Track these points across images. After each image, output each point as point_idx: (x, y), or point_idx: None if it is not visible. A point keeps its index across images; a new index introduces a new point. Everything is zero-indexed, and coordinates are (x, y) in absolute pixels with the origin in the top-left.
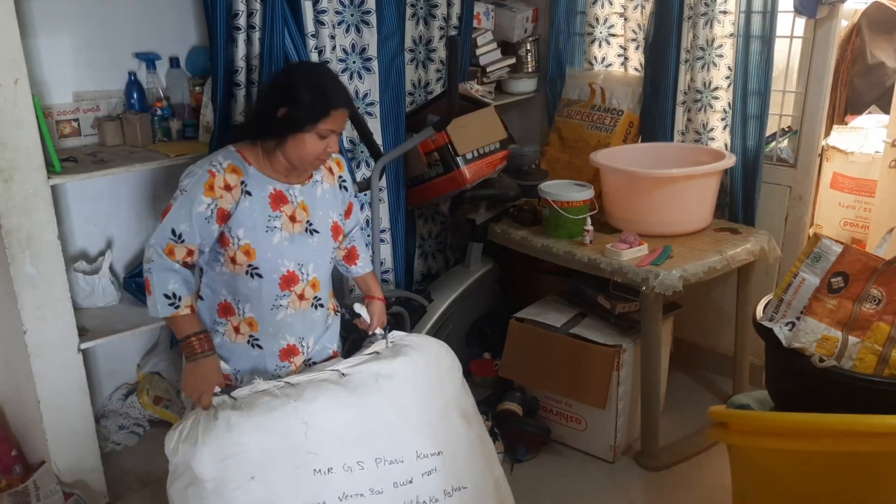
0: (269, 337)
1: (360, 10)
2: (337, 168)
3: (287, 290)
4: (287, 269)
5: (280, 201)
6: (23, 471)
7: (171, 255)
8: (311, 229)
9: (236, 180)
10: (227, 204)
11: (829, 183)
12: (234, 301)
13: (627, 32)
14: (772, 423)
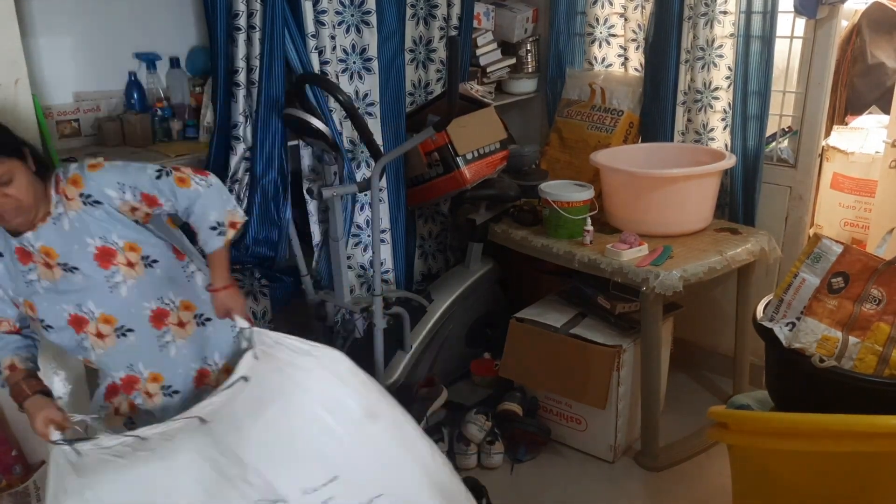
0: (101, 376)
1: (361, 10)
2: (74, 190)
3: (82, 333)
4: (68, 312)
5: (26, 257)
6: (23, 471)
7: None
8: (68, 268)
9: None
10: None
11: (829, 183)
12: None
13: (627, 33)
14: (772, 424)
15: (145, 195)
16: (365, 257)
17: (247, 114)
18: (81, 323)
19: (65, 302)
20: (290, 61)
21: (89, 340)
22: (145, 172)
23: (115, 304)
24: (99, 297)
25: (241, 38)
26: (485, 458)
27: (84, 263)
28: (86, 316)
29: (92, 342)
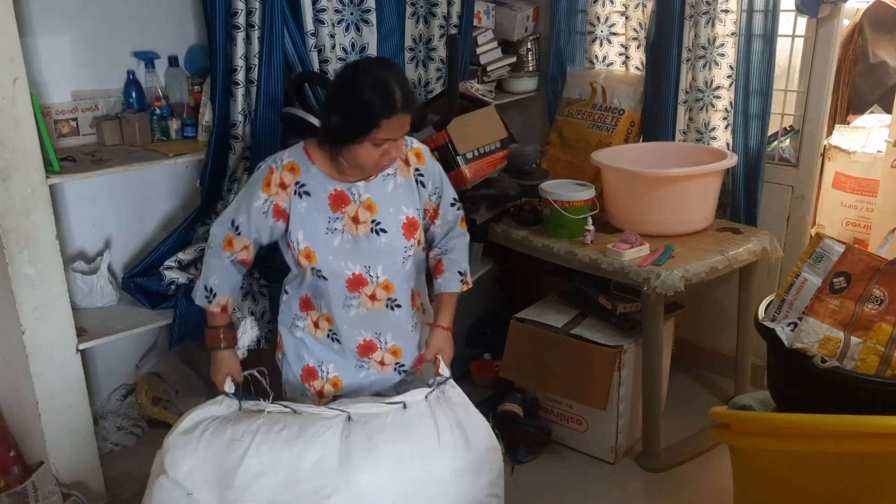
0: (346, 333)
1: (360, 8)
2: (415, 160)
3: (356, 292)
4: (352, 272)
5: (341, 202)
6: (21, 471)
7: (229, 248)
8: (378, 229)
9: (291, 179)
10: (282, 202)
11: (831, 182)
12: (312, 297)
13: (629, 31)
14: (773, 424)
15: (438, 209)
16: None
17: (245, 113)
18: (360, 284)
19: (354, 261)
20: (289, 60)
21: (360, 300)
22: (452, 193)
23: (399, 276)
24: (390, 264)
25: (239, 37)
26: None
27: (392, 228)
28: (369, 279)
29: (361, 302)
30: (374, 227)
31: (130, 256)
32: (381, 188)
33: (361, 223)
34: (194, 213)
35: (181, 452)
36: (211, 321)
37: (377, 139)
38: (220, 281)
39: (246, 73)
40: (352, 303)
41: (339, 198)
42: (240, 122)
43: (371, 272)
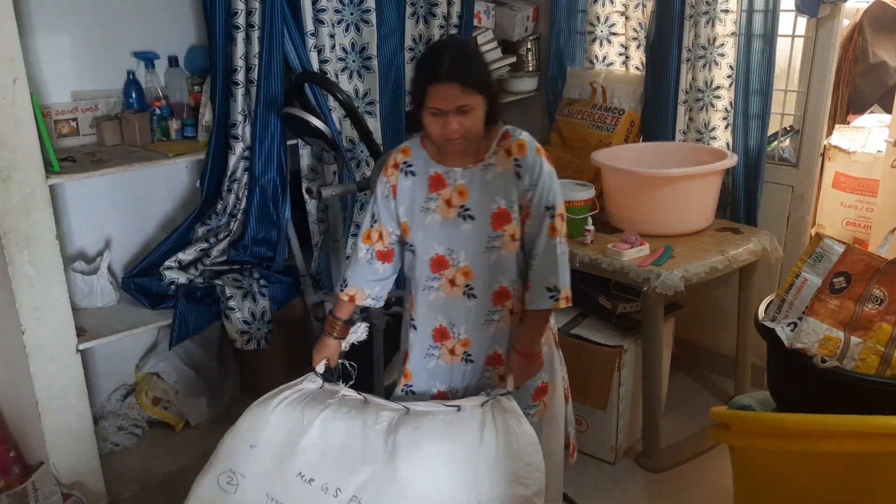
0: (422, 317)
1: (360, 8)
2: (516, 150)
3: (437, 273)
4: (436, 252)
5: (438, 184)
6: (21, 472)
7: (367, 240)
8: (466, 214)
9: (401, 159)
10: (394, 180)
11: (831, 182)
12: (408, 276)
13: (629, 31)
14: (773, 424)
15: (530, 207)
16: None
17: (245, 113)
18: (442, 265)
19: (439, 241)
20: (289, 60)
21: (440, 283)
22: (551, 198)
23: (480, 265)
24: (473, 251)
25: (239, 37)
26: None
27: (482, 216)
28: (451, 261)
29: (441, 285)
30: (462, 213)
31: (130, 256)
32: (477, 176)
33: (452, 207)
34: (194, 214)
35: (258, 413)
36: (336, 310)
37: (431, 108)
38: (354, 273)
39: (246, 74)
40: (433, 284)
41: (438, 180)
42: (240, 123)
43: (454, 255)
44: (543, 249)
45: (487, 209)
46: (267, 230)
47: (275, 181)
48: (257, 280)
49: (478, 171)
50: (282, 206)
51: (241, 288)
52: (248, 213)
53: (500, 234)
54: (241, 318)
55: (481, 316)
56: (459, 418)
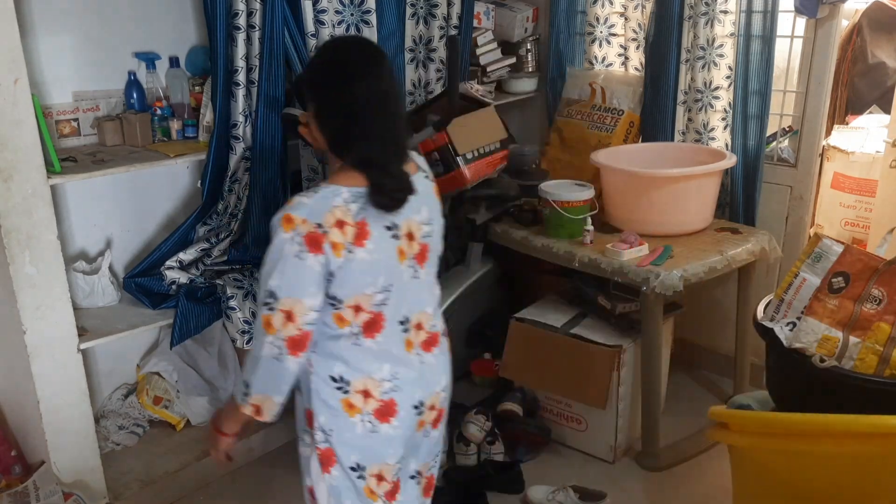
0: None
1: (360, 9)
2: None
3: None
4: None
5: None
6: (22, 471)
7: None
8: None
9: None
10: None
11: (829, 183)
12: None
13: (628, 32)
14: (772, 424)
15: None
16: None
17: (246, 113)
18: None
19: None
20: (290, 61)
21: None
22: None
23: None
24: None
25: (240, 38)
26: (485, 458)
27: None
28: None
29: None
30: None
31: (131, 256)
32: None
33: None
34: (195, 213)
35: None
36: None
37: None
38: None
39: (247, 74)
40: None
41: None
42: (241, 123)
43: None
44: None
45: None
46: (267, 230)
47: (275, 181)
48: (258, 280)
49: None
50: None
51: (241, 288)
52: (249, 213)
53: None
54: (242, 318)
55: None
56: None
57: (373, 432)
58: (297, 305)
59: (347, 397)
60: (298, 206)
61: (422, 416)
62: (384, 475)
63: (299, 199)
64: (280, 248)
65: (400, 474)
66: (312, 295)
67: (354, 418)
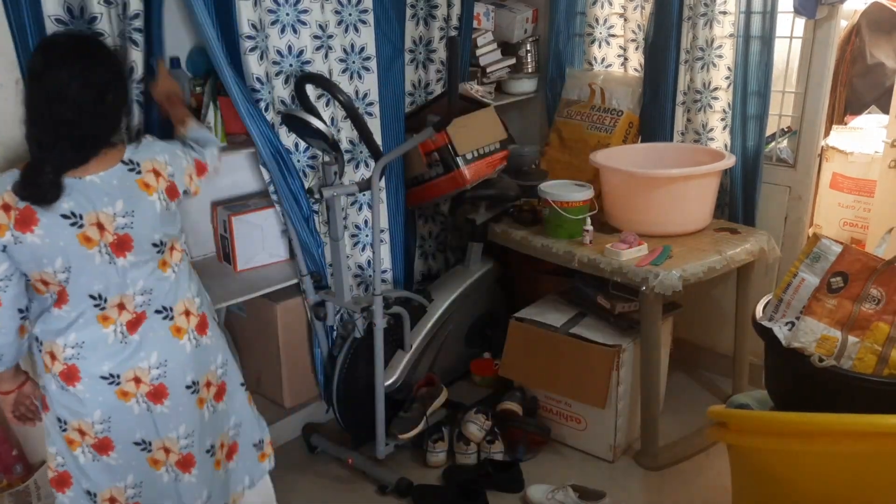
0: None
1: (358, 9)
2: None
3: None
4: None
5: None
6: (24, 470)
7: None
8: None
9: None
10: None
11: (828, 183)
12: None
13: (627, 33)
14: (771, 423)
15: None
16: (363, 257)
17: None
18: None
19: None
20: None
21: None
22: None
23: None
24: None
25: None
26: (485, 457)
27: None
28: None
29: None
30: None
31: None
32: None
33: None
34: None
35: None
36: None
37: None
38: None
39: None
40: None
41: None
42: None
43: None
44: None
45: None
46: None
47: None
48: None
49: None
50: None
51: None
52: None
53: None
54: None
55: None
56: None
57: (63, 390)
58: None
59: (41, 355)
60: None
61: (198, 394)
62: (84, 429)
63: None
64: None
65: (193, 449)
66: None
67: (47, 374)
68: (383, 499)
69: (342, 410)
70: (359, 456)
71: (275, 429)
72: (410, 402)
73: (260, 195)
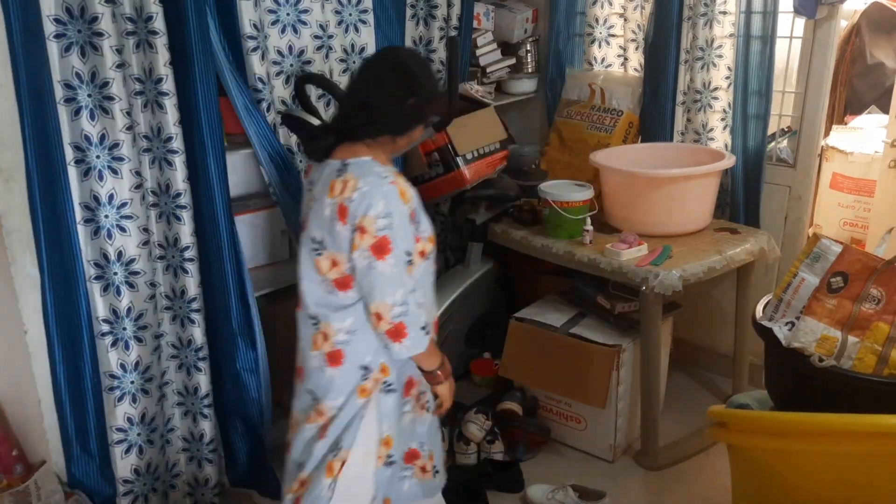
0: (397, 371)
1: (358, 9)
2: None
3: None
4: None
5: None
6: (24, 470)
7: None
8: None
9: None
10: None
11: (828, 183)
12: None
13: (627, 33)
14: (771, 423)
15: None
16: None
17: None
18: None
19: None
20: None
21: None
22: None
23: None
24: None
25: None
26: (485, 457)
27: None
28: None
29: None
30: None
31: None
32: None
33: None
34: None
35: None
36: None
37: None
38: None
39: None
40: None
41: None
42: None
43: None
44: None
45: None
46: None
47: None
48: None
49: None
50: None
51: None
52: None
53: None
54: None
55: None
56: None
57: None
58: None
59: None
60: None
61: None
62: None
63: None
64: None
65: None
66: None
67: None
68: None
69: None
70: None
71: (274, 429)
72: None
73: (260, 195)
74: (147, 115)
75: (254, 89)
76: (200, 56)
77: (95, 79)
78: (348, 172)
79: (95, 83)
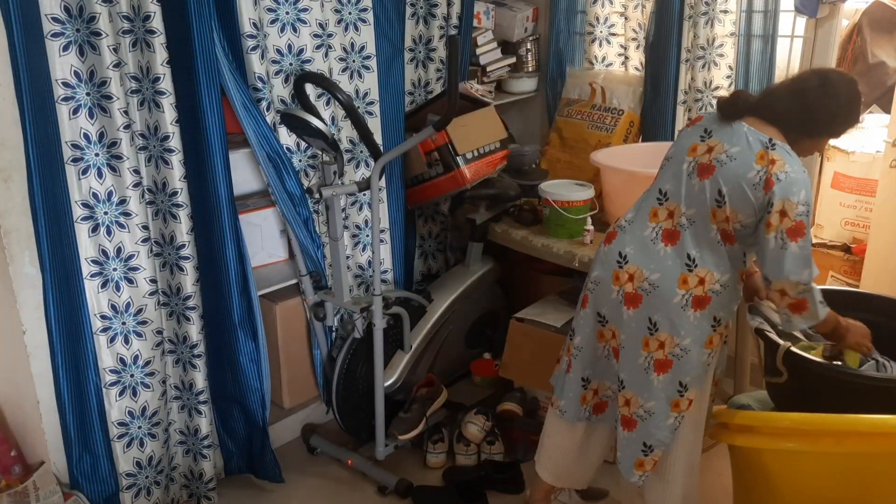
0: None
1: (358, 7)
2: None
3: None
4: None
5: None
6: (22, 471)
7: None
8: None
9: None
10: None
11: (829, 182)
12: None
13: (628, 32)
14: (772, 424)
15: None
16: (363, 257)
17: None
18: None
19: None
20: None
21: None
22: None
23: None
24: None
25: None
26: (485, 458)
27: None
28: None
29: None
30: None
31: None
32: None
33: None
34: None
35: None
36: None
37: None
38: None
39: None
40: None
41: None
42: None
43: None
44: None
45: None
46: None
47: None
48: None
49: None
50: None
51: None
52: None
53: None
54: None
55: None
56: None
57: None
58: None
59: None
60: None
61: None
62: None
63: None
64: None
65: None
66: None
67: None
68: (383, 500)
69: (341, 411)
70: (358, 457)
71: (274, 430)
72: (410, 402)
73: (259, 195)
74: (144, 114)
75: (253, 88)
76: (205, 55)
77: (94, 77)
78: (776, 151)
79: (94, 82)
